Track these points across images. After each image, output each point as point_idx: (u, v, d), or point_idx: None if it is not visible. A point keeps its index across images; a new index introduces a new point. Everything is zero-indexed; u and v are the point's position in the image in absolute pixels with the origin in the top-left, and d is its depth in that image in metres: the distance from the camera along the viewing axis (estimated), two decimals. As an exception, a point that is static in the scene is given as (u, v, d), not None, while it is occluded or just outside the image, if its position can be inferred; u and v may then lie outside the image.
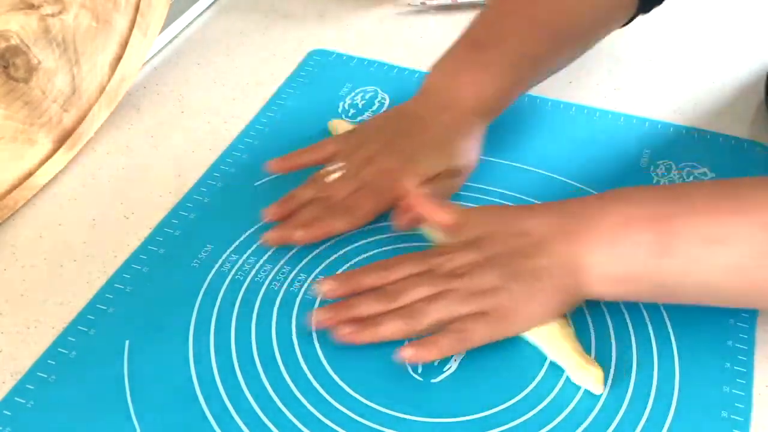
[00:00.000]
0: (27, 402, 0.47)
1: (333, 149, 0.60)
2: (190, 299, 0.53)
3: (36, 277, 0.55)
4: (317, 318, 0.50)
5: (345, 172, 0.58)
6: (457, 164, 0.58)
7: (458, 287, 0.49)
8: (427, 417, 0.46)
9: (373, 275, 0.51)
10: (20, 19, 0.57)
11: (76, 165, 0.64)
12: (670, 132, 0.66)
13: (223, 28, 0.79)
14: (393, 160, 0.57)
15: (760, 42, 0.77)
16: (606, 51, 0.76)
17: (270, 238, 0.56)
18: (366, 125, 0.62)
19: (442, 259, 0.51)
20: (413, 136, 0.58)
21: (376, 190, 0.57)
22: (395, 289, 0.50)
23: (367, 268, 0.52)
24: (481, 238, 0.51)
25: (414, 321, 0.48)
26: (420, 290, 0.49)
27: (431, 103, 0.60)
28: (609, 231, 0.48)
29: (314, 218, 0.56)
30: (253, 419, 0.46)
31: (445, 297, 0.49)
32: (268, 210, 0.57)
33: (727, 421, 0.46)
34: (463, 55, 0.61)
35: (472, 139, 0.59)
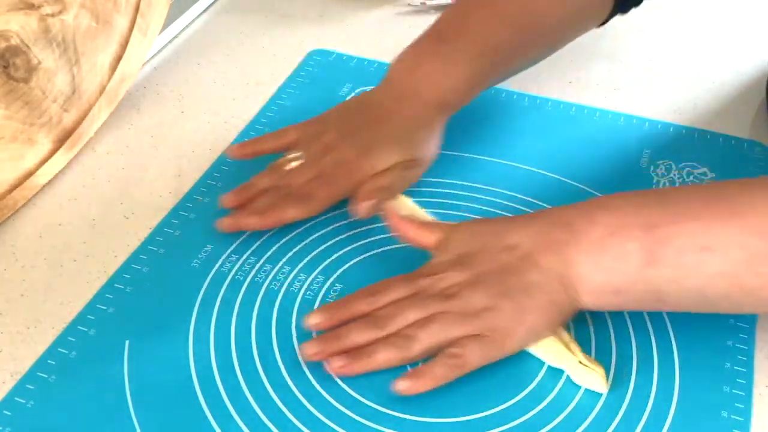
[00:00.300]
0: (27, 402, 0.47)
1: (293, 137, 0.61)
2: (190, 299, 0.53)
3: (36, 277, 0.55)
4: (306, 352, 0.48)
5: (303, 160, 0.59)
6: (413, 155, 0.59)
7: (449, 309, 0.48)
8: (427, 417, 0.46)
9: (361, 302, 0.50)
10: (20, 19, 0.57)
11: (76, 165, 0.64)
12: (670, 132, 0.66)
13: (223, 28, 0.79)
14: (351, 150, 0.58)
15: (760, 42, 0.77)
16: (606, 51, 0.76)
17: (224, 225, 0.57)
18: (328, 113, 0.62)
19: (430, 281, 0.49)
20: (372, 126, 0.59)
21: (332, 180, 0.57)
22: (385, 314, 0.48)
23: (354, 295, 0.50)
24: (469, 255, 0.50)
25: (407, 348, 0.47)
26: (410, 314, 0.48)
27: (393, 93, 0.60)
28: (597, 241, 0.47)
29: (269, 206, 0.57)
30: (253, 419, 0.46)
31: (437, 320, 0.48)
32: (225, 197, 0.58)
33: (727, 421, 0.46)
34: (426, 47, 0.61)
35: (432, 131, 0.60)
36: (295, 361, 0.49)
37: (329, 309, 0.50)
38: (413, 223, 0.53)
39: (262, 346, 0.50)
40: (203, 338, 0.50)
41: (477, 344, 0.47)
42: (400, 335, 0.48)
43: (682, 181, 0.61)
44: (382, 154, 0.58)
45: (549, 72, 0.73)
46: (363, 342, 0.48)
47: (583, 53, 0.75)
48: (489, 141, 0.65)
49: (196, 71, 0.74)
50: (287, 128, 0.62)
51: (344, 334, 0.48)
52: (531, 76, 0.72)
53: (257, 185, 0.59)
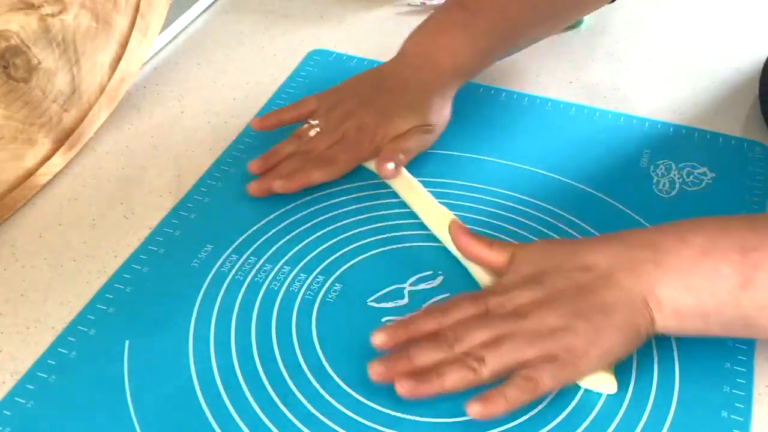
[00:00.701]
0: (27, 402, 0.47)
1: (314, 105, 0.63)
2: (190, 299, 0.53)
3: (36, 277, 0.55)
4: (373, 372, 0.46)
5: (325, 126, 0.61)
6: (429, 121, 0.61)
7: (522, 329, 0.45)
8: (427, 417, 0.46)
9: (429, 320, 0.47)
10: (20, 19, 0.57)
11: (76, 165, 0.64)
12: (670, 132, 0.66)
13: (223, 28, 0.79)
14: (370, 116, 0.61)
15: (760, 42, 0.77)
16: (606, 51, 0.76)
17: (253, 189, 0.59)
18: (346, 84, 0.65)
19: (500, 299, 0.47)
20: (390, 93, 0.62)
21: (354, 144, 0.60)
22: (455, 334, 0.46)
23: (421, 313, 0.49)
24: (542, 274, 0.48)
25: (477, 370, 0.45)
26: (481, 334, 0.46)
27: (409, 62, 0.63)
28: (688, 260, 0.45)
29: (294, 170, 0.59)
30: (253, 419, 0.46)
31: (509, 340, 0.45)
32: (252, 163, 0.60)
33: (727, 421, 0.46)
34: (447, 17, 0.64)
35: (445, 98, 0.62)
36: (295, 361, 0.49)
37: (395, 327, 0.48)
38: (481, 241, 0.51)
39: (262, 346, 0.50)
40: (203, 338, 0.50)
41: (550, 367, 0.44)
42: (470, 356, 0.45)
43: (682, 181, 0.61)
44: (401, 119, 0.60)
45: (549, 72, 0.73)
46: (431, 363, 0.45)
47: (583, 53, 0.75)
48: (489, 141, 0.65)
49: (196, 71, 0.74)
50: (307, 98, 0.64)
51: (412, 354, 0.46)
52: (531, 76, 0.72)
53: (282, 152, 0.61)
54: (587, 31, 0.78)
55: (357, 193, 0.60)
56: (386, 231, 0.57)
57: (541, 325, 0.46)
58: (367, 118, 0.61)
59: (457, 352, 0.46)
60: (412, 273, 0.54)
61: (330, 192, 0.60)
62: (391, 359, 0.46)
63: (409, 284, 0.54)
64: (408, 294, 0.53)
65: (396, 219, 0.58)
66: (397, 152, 0.59)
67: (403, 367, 0.46)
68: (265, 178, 0.59)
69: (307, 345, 0.50)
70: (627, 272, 0.46)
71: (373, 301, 0.53)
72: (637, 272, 0.46)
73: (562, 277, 0.47)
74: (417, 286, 0.54)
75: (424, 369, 0.45)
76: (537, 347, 0.45)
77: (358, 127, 0.61)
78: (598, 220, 0.58)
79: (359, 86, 0.64)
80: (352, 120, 0.61)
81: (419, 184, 0.59)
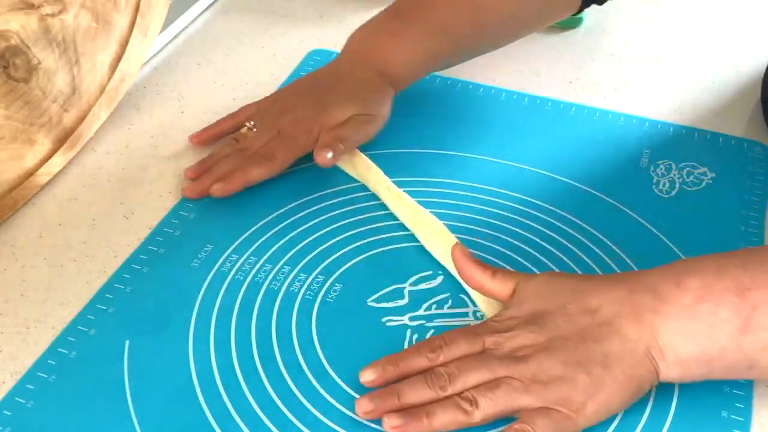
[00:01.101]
0: (27, 402, 0.47)
1: (251, 111, 0.64)
2: (190, 299, 0.53)
3: (36, 277, 0.55)
4: (361, 410, 0.45)
5: (261, 125, 0.61)
6: (368, 111, 0.61)
7: (518, 374, 0.44)
8: (427, 417, 0.46)
9: (421, 358, 0.46)
10: (20, 19, 0.57)
11: (76, 165, 0.64)
12: (670, 132, 0.66)
13: (223, 28, 0.79)
14: (307, 108, 0.61)
15: (760, 42, 0.77)
16: (606, 51, 0.76)
17: (188, 192, 0.59)
18: (284, 88, 0.66)
19: (499, 339, 0.46)
20: (327, 87, 0.62)
21: (291, 137, 0.60)
22: (448, 372, 0.45)
23: (414, 348, 0.47)
24: (543, 315, 0.46)
25: (470, 412, 0.43)
26: (476, 375, 0.44)
27: (347, 59, 0.64)
28: (687, 308, 0.44)
29: (231, 170, 0.59)
30: (253, 419, 0.46)
31: (505, 385, 0.44)
32: (189, 169, 0.61)
33: (727, 421, 0.46)
34: (383, 23, 0.64)
35: (384, 93, 0.62)
36: (295, 361, 0.49)
37: (384, 364, 0.46)
38: (485, 270, 0.49)
39: (262, 346, 0.50)
40: (203, 338, 0.50)
41: (547, 421, 0.43)
42: (462, 397, 0.44)
43: (682, 181, 0.61)
44: (337, 108, 0.60)
45: (549, 72, 0.73)
46: (421, 402, 0.44)
47: (583, 53, 0.75)
48: (489, 141, 0.65)
49: (196, 71, 0.74)
50: (245, 106, 0.65)
51: (402, 392, 0.45)
52: (531, 76, 0.72)
53: (218, 155, 0.61)
54: (587, 31, 0.78)
55: (357, 193, 0.60)
56: (386, 231, 0.57)
57: (539, 371, 0.44)
58: (302, 111, 0.61)
59: (449, 393, 0.44)
60: (412, 273, 0.54)
61: (330, 192, 0.60)
62: (380, 396, 0.45)
63: (409, 284, 0.54)
64: (408, 294, 0.53)
65: (395, 219, 0.58)
66: (335, 140, 0.58)
67: (391, 404, 0.45)
68: (202, 179, 0.59)
69: (307, 345, 0.50)
70: (630, 320, 0.44)
71: (373, 301, 0.53)
72: (640, 320, 0.44)
73: (565, 320, 0.45)
74: (417, 286, 0.54)
75: (413, 406, 0.44)
76: (533, 395, 0.43)
77: (295, 121, 0.60)
78: (598, 220, 0.58)
79: (296, 86, 0.65)
80: (287, 115, 0.61)
81: (376, 166, 0.60)
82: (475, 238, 0.56)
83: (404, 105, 0.67)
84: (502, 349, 0.45)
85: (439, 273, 0.54)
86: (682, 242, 0.56)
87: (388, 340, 0.50)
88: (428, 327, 0.51)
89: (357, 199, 0.60)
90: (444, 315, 0.52)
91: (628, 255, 0.55)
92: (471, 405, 0.44)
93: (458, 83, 0.71)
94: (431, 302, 0.52)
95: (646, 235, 0.57)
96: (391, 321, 0.51)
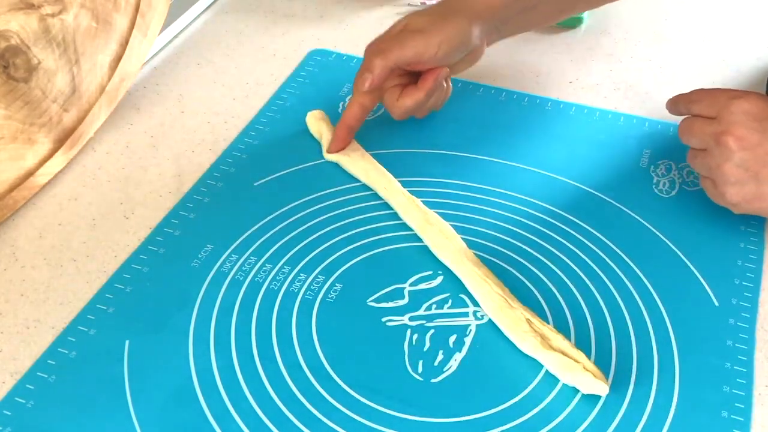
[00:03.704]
0: (27, 402, 0.47)
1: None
2: (190, 299, 0.53)
3: (36, 277, 0.55)
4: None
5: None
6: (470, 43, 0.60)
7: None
8: (427, 417, 0.46)
9: None
10: (20, 19, 0.57)
11: (76, 165, 0.64)
12: (670, 132, 0.66)
13: (223, 28, 0.79)
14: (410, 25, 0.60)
15: (760, 42, 0.77)
16: (606, 51, 0.76)
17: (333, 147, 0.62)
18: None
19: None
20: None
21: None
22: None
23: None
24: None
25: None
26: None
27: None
28: None
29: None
30: (253, 419, 0.46)
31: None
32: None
33: (727, 421, 0.46)
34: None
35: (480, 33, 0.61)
36: (295, 361, 0.49)
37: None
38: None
39: (262, 346, 0.50)
40: (203, 338, 0.50)
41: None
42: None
43: (682, 181, 0.61)
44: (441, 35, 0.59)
45: (549, 72, 0.73)
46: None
47: (583, 53, 0.75)
48: (489, 141, 0.65)
49: (196, 71, 0.74)
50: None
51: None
52: (531, 76, 0.72)
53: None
54: (587, 31, 0.78)
55: (357, 193, 0.60)
56: (386, 231, 0.57)
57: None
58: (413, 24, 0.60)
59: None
60: (412, 273, 0.54)
61: (330, 192, 0.60)
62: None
63: (409, 284, 0.54)
64: (408, 294, 0.53)
65: (395, 219, 0.58)
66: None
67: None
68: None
69: (307, 345, 0.50)
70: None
71: (373, 301, 0.53)
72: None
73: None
74: (417, 286, 0.54)
75: None
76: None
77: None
78: (598, 220, 0.58)
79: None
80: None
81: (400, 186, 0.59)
82: (475, 238, 0.56)
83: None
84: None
85: (439, 273, 0.54)
86: (682, 242, 0.56)
87: (388, 340, 0.50)
88: (428, 327, 0.51)
89: (357, 199, 0.60)
90: (444, 315, 0.52)
91: (628, 255, 0.55)
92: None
93: (458, 83, 0.71)
94: (431, 302, 0.52)
95: (646, 235, 0.57)
96: (391, 321, 0.51)
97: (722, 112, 0.52)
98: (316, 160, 0.63)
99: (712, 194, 0.55)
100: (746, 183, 0.52)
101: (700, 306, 0.52)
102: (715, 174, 0.53)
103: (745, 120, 0.51)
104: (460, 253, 0.54)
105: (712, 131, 0.53)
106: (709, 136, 0.53)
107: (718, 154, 0.52)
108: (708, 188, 0.55)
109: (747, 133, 0.51)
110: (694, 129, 0.54)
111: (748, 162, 0.51)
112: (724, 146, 0.51)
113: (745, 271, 0.54)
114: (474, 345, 0.50)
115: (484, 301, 0.51)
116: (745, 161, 0.51)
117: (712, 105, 0.53)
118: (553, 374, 0.48)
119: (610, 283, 0.54)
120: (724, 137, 0.51)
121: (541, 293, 0.53)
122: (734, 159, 0.51)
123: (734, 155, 0.51)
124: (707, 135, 0.53)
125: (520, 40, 0.76)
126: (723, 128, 0.52)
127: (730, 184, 0.52)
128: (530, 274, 0.54)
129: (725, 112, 0.52)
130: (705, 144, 0.54)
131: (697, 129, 0.54)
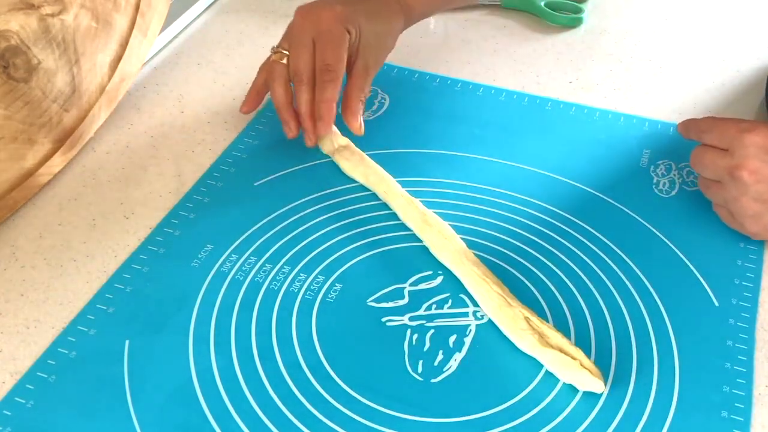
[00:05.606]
0: (27, 402, 0.47)
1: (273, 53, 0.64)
2: (190, 299, 0.53)
3: (36, 277, 0.55)
4: None
5: (292, 43, 0.63)
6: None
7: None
8: (427, 417, 0.46)
9: None
10: (20, 19, 0.57)
11: (76, 165, 0.64)
12: (670, 132, 0.66)
13: (223, 28, 0.79)
14: (325, 7, 0.62)
15: (760, 42, 0.77)
16: (606, 51, 0.76)
17: (311, 142, 0.61)
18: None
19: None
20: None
21: (329, 36, 0.61)
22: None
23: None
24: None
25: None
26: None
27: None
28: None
29: (317, 102, 0.60)
30: (253, 419, 0.46)
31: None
32: (289, 127, 0.62)
33: (727, 421, 0.46)
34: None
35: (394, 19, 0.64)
36: (295, 361, 0.49)
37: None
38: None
39: (262, 346, 0.50)
40: (203, 338, 0.50)
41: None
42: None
43: (682, 181, 0.61)
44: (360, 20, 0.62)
45: (549, 72, 0.73)
46: None
47: (583, 53, 0.75)
48: (489, 141, 0.65)
49: (196, 71, 0.74)
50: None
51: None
52: (531, 76, 0.72)
53: (281, 98, 0.62)
54: (587, 31, 0.78)
55: (357, 193, 0.60)
56: (386, 231, 0.57)
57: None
58: (323, 11, 0.62)
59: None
60: (412, 273, 0.54)
61: (330, 192, 0.60)
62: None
63: (409, 284, 0.54)
64: (408, 294, 0.53)
65: (395, 219, 0.58)
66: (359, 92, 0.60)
67: None
68: (306, 127, 0.61)
69: (307, 345, 0.50)
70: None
71: (373, 301, 0.53)
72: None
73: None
74: (417, 286, 0.54)
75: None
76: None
77: (319, 20, 0.62)
78: (598, 220, 0.58)
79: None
80: (310, 20, 0.62)
81: (397, 184, 0.60)
82: (475, 238, 0.56)
83: (404, 105, 0.68)
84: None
85: (439, 273, 0.54)
86: (682, 242, 0.56)
87: (388, 340, 0.50)
88: (428, 327, 0.51)
89: (357, 199, 0.60)
90: (444, 315, 0.52)
91: (628, 255, 0.55)
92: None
93: (458, 83, 0.71)
94: (431, 302, 0.52)
95: (646, 235, 0.57)
96: (391, 321, 0.51)
97: (734, 144, 0.53)
98: (316, 160, 0.63)
99: (730, 223, 0.56)
100: (764, 214, 0.53)
101: (700, 306, 0.52)
102: (732, 206, 0.54)
103: (757, 153, 0.51)
104: (459, 253, 0.54)
105: (725, 165, 0.53)
106: (723, 170, 0.53)
107: (733, 187, 0.53)
108: (724, 216, 0.56)
109: (761, 167, 0.51)
110: (705, 161, 0.55)
111: (764, 194, 0.52)
112: (739, 180, 0.52)
113: (745, 271, 0.54)
114: (474, 345, 0.50)
115: (483, 300, 0.51)
116: (761, 194, 0.52)
117: (722, 136, 0.54)
118: (552, 374, 0.48)
119: (610, 283, 0.54)
120: (738, 172, 0.52)
121: (542, 293, 0.53)
122: (750, 193, 0.52)
123: (750, 189, 0.52)
124: (720, 168, 0.54)
125: (521, 39, 0.76)
126: (736, 162, 0.52)
127: (748, 216, 0.53)
128: (530, 274, 0.54)
129: (737, 145, 0.52)
130: (718, 176, 0.54)
131: (709, 161, 0.55)
